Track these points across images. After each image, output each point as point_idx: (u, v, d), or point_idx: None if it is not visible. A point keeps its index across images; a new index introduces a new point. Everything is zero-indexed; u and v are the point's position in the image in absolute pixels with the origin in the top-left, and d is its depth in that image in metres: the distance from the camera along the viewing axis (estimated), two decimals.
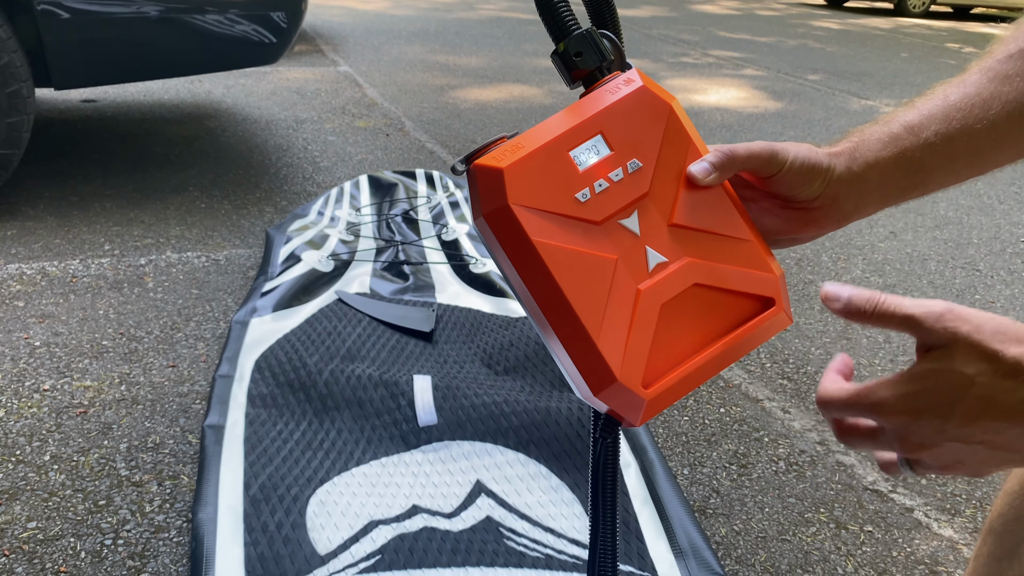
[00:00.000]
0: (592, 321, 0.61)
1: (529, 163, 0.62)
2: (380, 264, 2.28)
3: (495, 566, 1.25)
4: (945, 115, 0.67)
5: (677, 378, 0.64)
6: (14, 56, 2.41)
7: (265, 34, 2.87)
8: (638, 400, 0.62)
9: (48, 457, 1.57)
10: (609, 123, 0.64)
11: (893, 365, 2.15)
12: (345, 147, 3.56)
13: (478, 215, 0.63)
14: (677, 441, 1.77)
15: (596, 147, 0.64)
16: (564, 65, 0.66)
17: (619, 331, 0.62)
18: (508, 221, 0.61)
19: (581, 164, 0.63)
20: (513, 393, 1.69)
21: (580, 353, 0.62)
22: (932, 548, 1.52)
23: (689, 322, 0.65)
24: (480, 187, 0.62)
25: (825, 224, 0.67)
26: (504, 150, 0.63)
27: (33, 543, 1.37)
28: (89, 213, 2.69)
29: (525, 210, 0.61)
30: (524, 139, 0.64)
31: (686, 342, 0.65)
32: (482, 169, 0.62)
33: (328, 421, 1.61)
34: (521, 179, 0.62)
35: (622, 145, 0.64)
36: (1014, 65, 0.67)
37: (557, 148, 0.63)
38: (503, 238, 0.62)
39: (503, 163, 0.62)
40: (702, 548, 1.37)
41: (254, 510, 1.36)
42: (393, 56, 5.63)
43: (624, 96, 0.65)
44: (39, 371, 1.83)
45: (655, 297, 0.63)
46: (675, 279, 0.64)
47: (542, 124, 0.65)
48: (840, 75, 6.26)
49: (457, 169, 0.64)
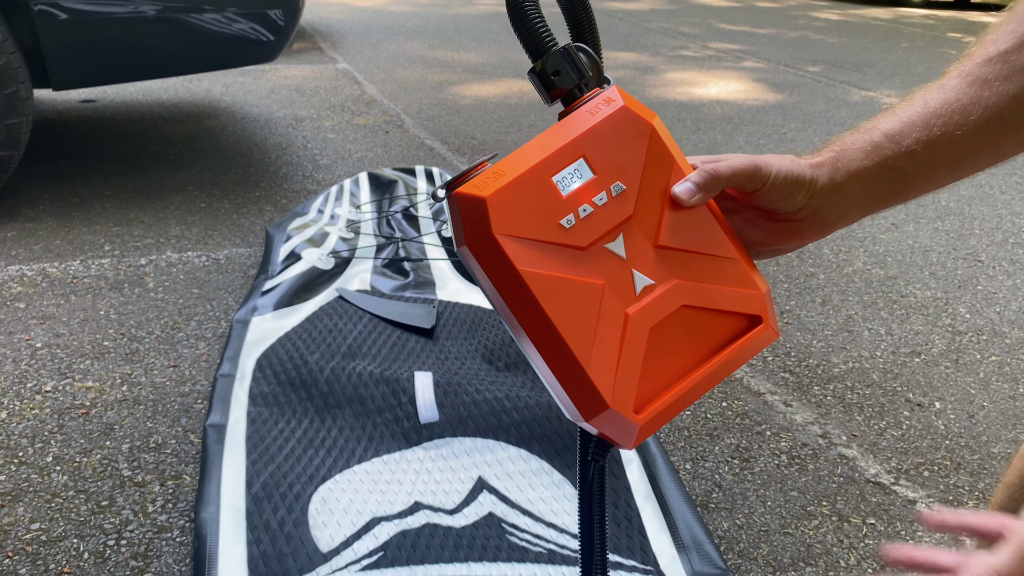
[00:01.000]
0: (582, 348, 0.61)
1: (512, 191, 0.61)
2: (380, 261, 2.27)
3: (498, 561, 1.25)
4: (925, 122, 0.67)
5: (668, 401, 0.64)
6: (11, 58, 2.41)
7: (263, 32, 2.86)
8: (630, 426, 0.62)
9: (50, 458, 1.57)
10: (591, 146, 0.63)
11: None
12: (345, 145, 3.56)
13: (461, 243, 0.62)
14: (679, 436, 1.77)
15: (579, 171, 0.63)
16: (542, 84, 0.65)
17: (609, 357, 0.62)
18: (493, 250, 0.60)
19: (564, 189, 0.62)
20: (514, 389, 1.69)
21: (570, 380, 0.62)
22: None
23: (678, 343, 0.65)
24: (463, 215, 0.61)
25: (808, 234, 0.67)
26: (486, 177, 0.62)
27: (36, 544, 1.37)
28: (89, 214, 2.69)
29: (510, 239, 0.60)
30: (505, 165, 0.63)
31: (675, 364, 0.65)
32: (464, 198, 0.61)
33: (330, 419, 1.61)
34: (504, 208, 0.61)
35: (605, 168, 0.63)
36: (993, 69, 0.66)
37: (539, 174, 0.62)
38: (488, 267, 0.61)
39: (485, 192, 0.61)
40: (704, 542, 1.37)
41: (256, 508, 1.36)
42: (392, 53, 5.62)
43: (605, 117, 0.64)
44: (40, 372, 1.84)
45: (644, 321, 0.63)
46: (663, 301, 0.63)
47: (523, 148, 0.64)
48: (840, 66, 6.25)
49: (438, 196, 0.63)
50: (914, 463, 1.73)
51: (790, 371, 2.05)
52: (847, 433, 1.82)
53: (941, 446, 1.80)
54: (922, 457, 1.76)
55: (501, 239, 0.60)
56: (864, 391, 1.99)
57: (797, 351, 2.15)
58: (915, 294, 2.53)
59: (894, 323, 2.33)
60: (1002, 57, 0.66)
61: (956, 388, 2.02)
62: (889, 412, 1.91)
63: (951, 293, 2.55)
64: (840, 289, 2.53)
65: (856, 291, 2.52)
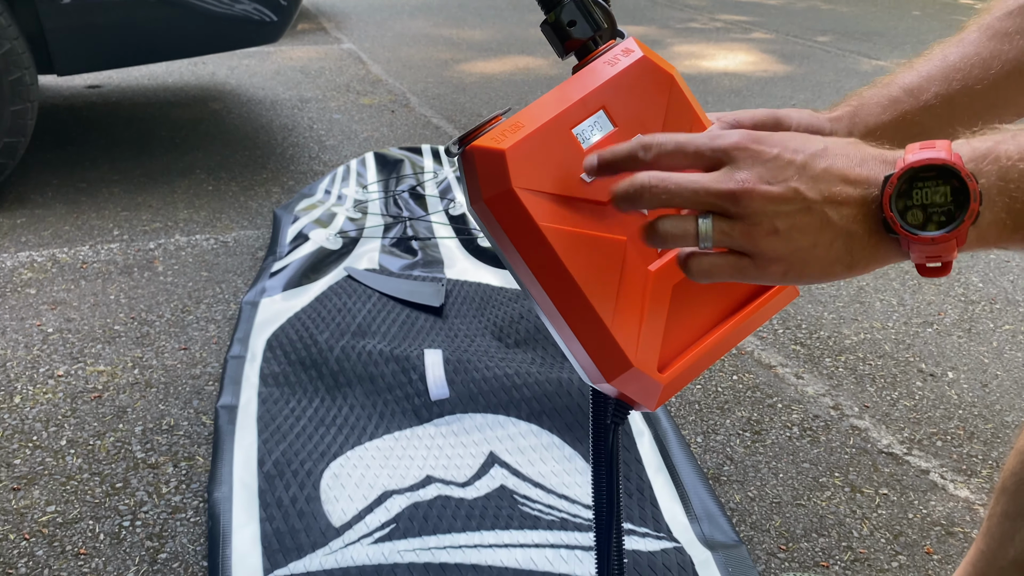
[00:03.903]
0: (604, 307, 0.59)
1: (531, 143, 0.59)
2: (388, 240, 2.27)
3: (510, 529, 1.25)
4: (945, 76, 0.65)
5: (692, 360, 0.62)
6: (15, 43, 2.41)
7: (266, 13, 2.85)
8: (654, 385, 0.60)
9: (64, 442, 1.58)
10: (611, 97, 0.61)
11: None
12: (351, 125, 3.55)
13: (477, 200, 0.59)
14: (690, 409, 1.76)
15: (599, 123, 0.61)
16: (556, 35, 0.63)
17: (632, 315, 0.60)
18: (512, 206, 0.58)
19: (585, 142, 0.60)
20: (524, 365, 1.68)
21: (593, 339, 0.59)
22: (948, 509, 1.51)
23: (700, 301, 0.63)
24: (479, 170, 0.59)
25: None
26: (502, 130, 0.59)
27: (52, 526, 1.39)
28: (97, 199, 2.69)
29: (529, 193, 0.58)
30: (522, 117, 0.60)
31: (698, 322, 0.63)
32: (481, 151, 0.59)
33: (340, 397, 1.61)
34: (524, 161, 0.58)
35: (625, 120, 0.61)
36: (1014, 22, 0.65)
37: (559, 126, 0.60)
38: (506, 224, 0.59)
39: (504, 144, 0.58)
40: (717, 514, 1.37)
41: (269, 486, 1.37)
42: (396, 31, 5.59)
43: (625, 68, 0.62)
44: (53, 357, 1.85)
45: (666, 278, 0.61)
46: None
47: (539, 100, 0.62)
48: (850, 36, 6.17)
49: (451, 151, 0.60)
50: (927, 433, 1.73)
51: (801, 343, 2.05)
52: (859, 404, 1.81)
53: (954, 416, 1.79)
54: (935, 427, 1.75)
55: (521, 193, 0.58)
56: (876, 362, 1.98)
57: (808, 323, 2.14)
58: None
59: (906, 293, 2.32)
60: (1023, 10, 0.65)
61: (969, 358, 2.01)
62: (901, 383, 1.90)
63: (963, 262, 2.53)
64: None
65: None
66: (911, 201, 0.50)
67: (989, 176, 0.49)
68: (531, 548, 1.22)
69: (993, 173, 0.49)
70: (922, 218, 0.50)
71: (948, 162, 0.49)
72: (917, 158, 0.49)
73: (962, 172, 0.49)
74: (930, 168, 0.49)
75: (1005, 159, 0.49)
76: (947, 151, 0.50)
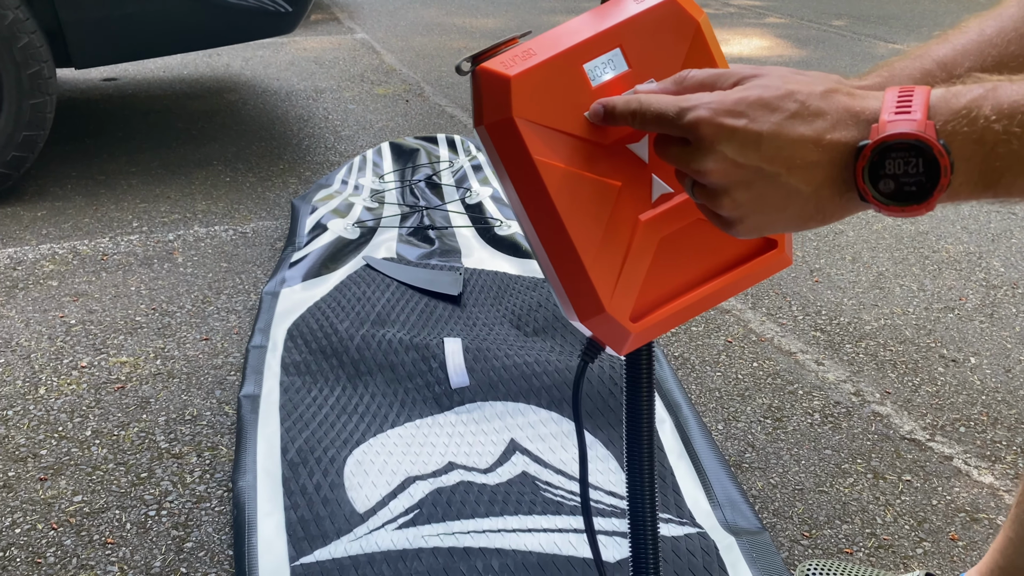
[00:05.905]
0: (587, 249, 0.58)
1: (539, 73, 0.58)
2: (406, 230, 2.28)
3: (533, 514, 1.26)
4: (980, 51, 0.64)
5: (667, 314, 0.62)
6: (33, 37, 2.42)
7: (280, 3, 2.85)
8: (624, 332, 0.60)
9: (89, 432, 1.60)
10: (630, 36, 0.59)
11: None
12: (365, 115, 3.55)
13: (479, 122, 0.59)
14: (711, 397, 1.76)
15: (613, 61, 0.59)
16: None
17: (613, 260, 0.59)
18: (510, 135, 0.58)
19: (595, 79, 0.59)
20: (543, 354, 1.69)
21: (571, 278, 0.59)
22: (972, 495, 1.50)
23: (686, 257, 0.62)
24: (484, 93, 0.58)
25: None
26: (514, 55, 0.58)
27: (80, 516, 1.40)
28: (116, 191, 2.71)
29: (529, 124, 0.57)
30: (536, 44, 0.59)
31: (681, 277, 0.62)
32: (488, 74, 0.58)
33: (361, 386, 1.62)
34: (528, 90, 0.57)
35: (641, 61, 0.60)
36: None
37: (570, 59, 0.58)
38: (503, 151, 0.59)
39: (511, 71, 0.57)
40: (739, 501, 1.37)
41: (292, 474, 1.38)
42: (409, 20, 5.58)
43: (650, 7, 0.60)
44: (76, 348, 1.86)
45: (655, 229, 0.61)
46: (678, 212, 0.61)
47: (558, 28, 0.60)
48: (865, 19, 6.11)
49: (462, 69, 0.59)
50: (950, 419, 1.72)
51: (821, 329, 2.03)
52: (880, 390, 1.80)
53: (977, 401, 1.78)
54: (958, 413, 1.74)
55: (520, 123, 0.57)
56: (897, 348, 1.96)
57: (828, 309, 2.13)
58: (947, 249, 2.48)
59: (926, 279, 2.30)
60: None
61: (991, 343, 2.00)
62: (923, 368, 1.89)
63: (984, 247, 2.50)
64: (870, 246, 2.49)
65: (887, 247, 2.49)
66: (883, 170, 0.50)
67: (965, 139, 0.49)
68: (555, 533, 1.22)
69: (969, 135, 0.49)
70: (893, 187, 0.50)
71: (921, 138, 0.49)
72: (891, 132, 0.50)
73: (935, 149, 0.49)
74: (903, 143, 0.49)
75: (983, 119, 0.49)
76: (922, 116, 0.50)
